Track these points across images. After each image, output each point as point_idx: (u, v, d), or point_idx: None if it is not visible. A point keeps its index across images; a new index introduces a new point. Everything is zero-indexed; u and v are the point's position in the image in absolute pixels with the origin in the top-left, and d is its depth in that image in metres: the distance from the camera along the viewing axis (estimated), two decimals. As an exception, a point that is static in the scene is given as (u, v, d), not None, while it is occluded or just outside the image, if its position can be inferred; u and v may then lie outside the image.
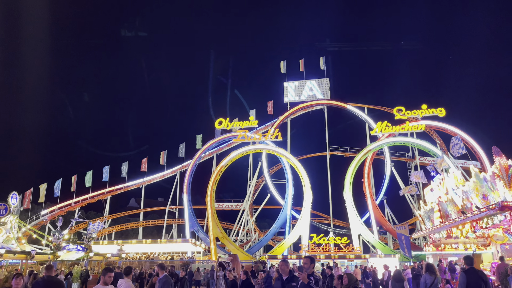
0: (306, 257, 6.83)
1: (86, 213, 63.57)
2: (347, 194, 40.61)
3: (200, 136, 52.35)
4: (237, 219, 49.83)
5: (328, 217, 49.52)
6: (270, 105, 53.09)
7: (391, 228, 42.17)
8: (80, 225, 47.69)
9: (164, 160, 53.70)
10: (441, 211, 22.68)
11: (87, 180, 50.92)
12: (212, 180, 42.35)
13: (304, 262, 6.85)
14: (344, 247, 35.71)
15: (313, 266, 6.75)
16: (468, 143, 42.28)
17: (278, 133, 42.92)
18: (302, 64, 53.26)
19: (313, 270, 6.64)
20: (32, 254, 24.65)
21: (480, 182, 16.34)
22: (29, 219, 48.82)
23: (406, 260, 31.10)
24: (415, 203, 45.04)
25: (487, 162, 40.11)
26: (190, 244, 39.55)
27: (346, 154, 51.64)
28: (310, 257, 6.82)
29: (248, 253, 40.15)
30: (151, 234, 60.41)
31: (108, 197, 52.45)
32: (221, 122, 44.48)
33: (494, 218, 14.80)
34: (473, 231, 17.73)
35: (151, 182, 53.86)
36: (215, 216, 41.71)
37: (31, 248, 31.15)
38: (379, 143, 42.87)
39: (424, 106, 43.59)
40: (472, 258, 9.07)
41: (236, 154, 43.46)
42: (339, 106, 50.22)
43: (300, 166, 41.53)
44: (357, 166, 41.96)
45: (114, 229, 53.76)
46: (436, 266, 15.11)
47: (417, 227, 43.12)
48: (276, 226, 43.89)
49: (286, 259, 6.84)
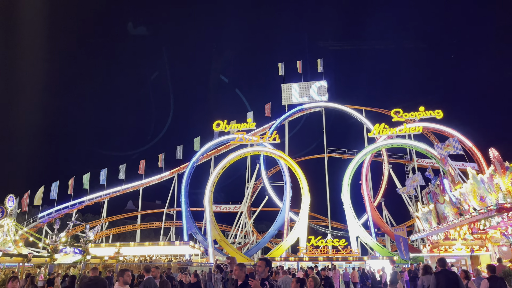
0: (261, 260, 6.22)
1: (83, 215, 63.45)
2: (345, 196, 40.60)
3: (198, 138, 52.38)
4: (235, 221, 49.77)
5: (326, 219, 49.53)
6: (268, 107, 53.17)
7: (389, 230, 42.19)
8: (77, 227, 47.52)
9: (162, 162, 53.67)
10: (439, 213, 22.72)
11: (85, 182, 50.81)
12: (210, 182, 42.27)
13: (258, 265, 6.18)
14: (342, 249, 35.69)
15: (268, 269, 6.14)
16: (465, 145, 42.37)
17: (276, 135, 42.89)
18: (300, 66, 53.39)
19: (268, 274, 6.08)
20: (29, 257, 24.52)
21: (477, 184, 16.37)
22: (26, 222, 48.66)
23: (404, 262, 31.12)
24: (413, 205, 45.09)
25: (484, 164, 40.18)
26: (188, 247, 39.44)
27: (344, 156, 51.70)
28: (265, 260, 6.22)
29: (246, 255, 40.06)
30: (149, 236, 60.26)
31: (105, 199, 52.33)
32: (219, 124, 44.43)
33: (491, 219, 14.83)
34: (471, 232, 17.75)
35: (148, 184, 53.80)
36: (213, 218, 41.63)
37: (28, 251, 30.98)
38: (377, 145, 42.92)
39: (421, 108, 43.66)
40: (444, 260, 9.14)
41: (234, 156, 43.41)
42: (337, 108, 50.27)
43: (298, 168, 41.51)
44: (355, 168, 41.98)
45: (111, 232, 53.58)
46: (434, 268, 15.08)
47: (415, 229, 43.14)
48: (274, 228, 43.83)
49: (243, 262, 6.29)
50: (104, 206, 52.24)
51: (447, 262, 9.59)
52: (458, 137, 40.72)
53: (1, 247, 26.27)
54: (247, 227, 49.45)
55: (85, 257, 27.97)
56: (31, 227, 47.73)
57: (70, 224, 33.33)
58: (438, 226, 22.36)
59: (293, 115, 51.54)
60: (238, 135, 43.48)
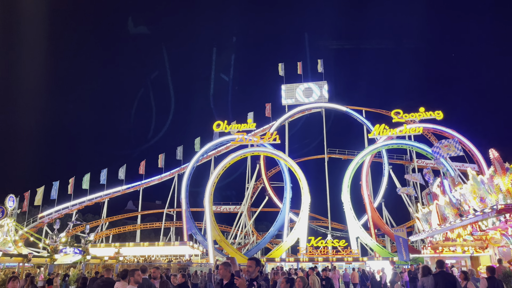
0: (251, 259, 6.06)
1: (83, 215, 63.46)
2: (345, 197, 40.59)
3: (198, 138, 52.40)
4: (235, 222, 49.76)
5: (326, 220, 49.52)
6: (268, 108, 53.19)
7: (389, 230, 42.16)
8: (77, 227, 47.52)
9: (162, 162, 53.69)
10: (439, 214, 22.69)
11: (85, 182, 50.82)
12: (211, 182, 42.28)
13: (248, 265, 6.04)
14: (342, 250, 35.68)
15: (258, 269, 6.03)
16: (465, 145, 42.33)
17: (276, 135, 42.88)
18: (300, 66, 53.39)
19: (257, 274, 5.97)
20: (29, 257, 24.53)
21: (477, 185, 16.35)
22: (26, 222, 48.69)
23: (404, 263, 31.09)
24: (413, 205, 45.08)
25: (484, 165, 40.16)
26: (187, 247, 39.44)
27: (344, 157, 51.69)
28: (255, 260, 6.07)
29: (246, 256, 40.06)
30: (149, 237, 60.26)
31: (105, 199, 52.34)
32: (219, 124, 44.44)
33: (491, 220, 14.82)
34: (471, 233, 17.74)
35: (149, 184, 53.81)
36: (213, 218, 41.63)
37: (28, 251, 30.99)
38: (377, 145, 42.91)
39: (421, 109, 43.65)
40: (443, 262, 9.20)
41: (234, 157, 43.40)
42: (337, 108, 50.28)
43: (298, 168, 41.50)
44: (355, 168, 41.97)
45: (111, 232, 53.59)
46: (433, 269, 15.06)
47: (415, 229, 43.11)
48: (274, 228, 43.82)
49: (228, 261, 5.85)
50: (104, 206, 52.26)
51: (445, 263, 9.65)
52: (458, 138, 40.70)
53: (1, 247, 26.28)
54: (247, 227, 49.45)
55: (85, 257, 27.99)
56: (31, 227, 47.76)
57: (70, 224, 33.34)
58: (438, 227, 22.35)
59: (293, 116, 51.54)
60: (238, 135, 43.49)
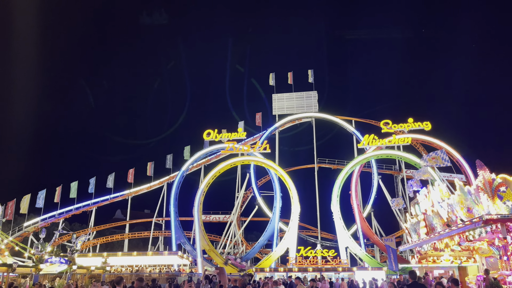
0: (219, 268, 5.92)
1: (70, 224, 62.51)
2: (335, 207, 40.69)
3: (188, 147, 52.18)
4: (225, 231, 49.46)
5: (316, 230, 49.52)
6: (259, 117, 53.36)
7: (378, 240, 42.30)
8: (64, 237, 46.74)
9: (151, 171, 53.28)
10: (427, 224, 22.87)
11: (72, 191, 50.11)
12: (200, 191, 42.06)
13: None
14: (332, 260, 35.64)
15: None
16: (453, 156, 42.89)
17: (267, 145, 42.94)
18: (291, 76, 53.74)
19: None
20: (14, 266, 24.04)
21: (464, 195, 16.55)
22: (12, 231, 47.72)
23: (393, 273, 31.17)
24: (402, 215, 45.34)
25: (471, 176, 40.67)
26: (176, 257, 39.00)
27: (333, 167, 51.91)
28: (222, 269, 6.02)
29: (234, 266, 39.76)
30: (137, 246, 59.51)
31: (93, 208, 51.63)
32: (210, 133, 44.37)
33: (478, 231, 14.96)
34: (459, 244, 17.89)
35: (137, 193, 53.27)
36: (202, 228, 41.33)
37: (13, 260, 30.37)
38: (366, 155, 43.23)
39: (410, 120, 44.22)
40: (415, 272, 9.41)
41: (224, 166, 43.30)
42: (327, 118, 50.63)
43: (288, 178, 41.55)
44: (344, 178, 42.16)
45: (99, 241, 52.79)
46: (422, 279, 15.14)
47: (404, 239, 43.34)
48: (264, 238, 43.66)
49: None
50: (92, 215, 51.51)
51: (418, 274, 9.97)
52: (446, 149, 41.25)
53: (-15, 256, 25.73)
54: (237, 237, 49.16)
55: (71, 267, 27.48)
56: (16, 236, 46.82)
57: (56, 234, 32.74)
58: (426, 237, 22.51)
59: (283, 125, 51.76)
60: (229, 144, 43.47)
